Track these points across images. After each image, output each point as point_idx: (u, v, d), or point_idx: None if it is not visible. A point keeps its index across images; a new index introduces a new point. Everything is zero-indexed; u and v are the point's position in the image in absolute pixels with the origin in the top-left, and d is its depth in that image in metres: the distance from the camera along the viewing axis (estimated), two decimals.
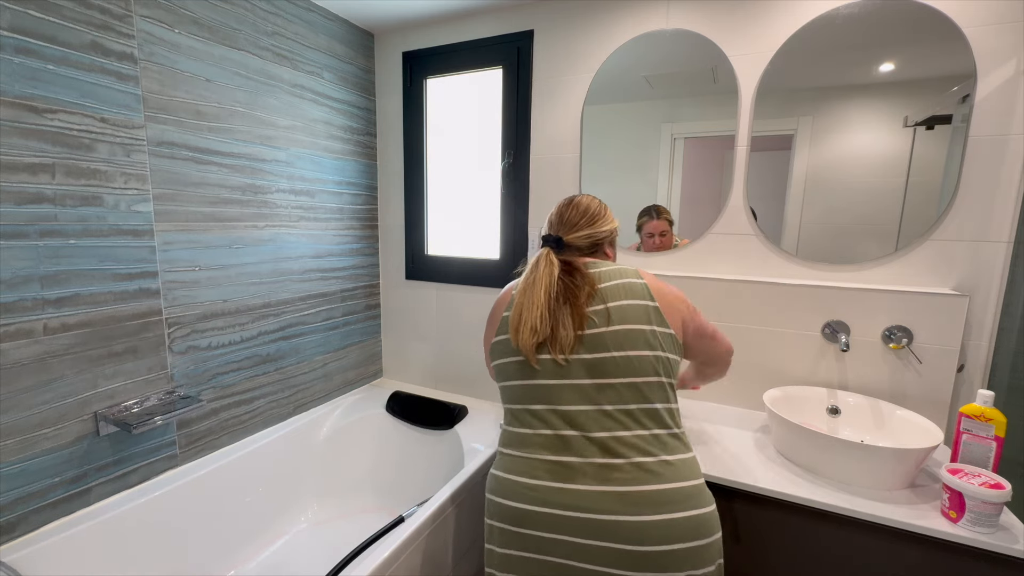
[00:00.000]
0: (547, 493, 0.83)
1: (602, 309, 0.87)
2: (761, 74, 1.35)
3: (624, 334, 0.85)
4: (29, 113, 1.02)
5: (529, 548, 0.85)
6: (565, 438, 0.84)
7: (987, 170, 1.18)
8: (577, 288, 0.89)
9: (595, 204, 1.02)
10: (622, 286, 0.89)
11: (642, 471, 0.80)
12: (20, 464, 1.06)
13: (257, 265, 1.53)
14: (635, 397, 0.83)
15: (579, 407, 0.85)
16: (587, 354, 0.86)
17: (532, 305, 0.88)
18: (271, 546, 1.55)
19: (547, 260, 0.91)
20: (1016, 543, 0.84)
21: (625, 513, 0.78)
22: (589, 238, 0.97)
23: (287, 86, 1.57)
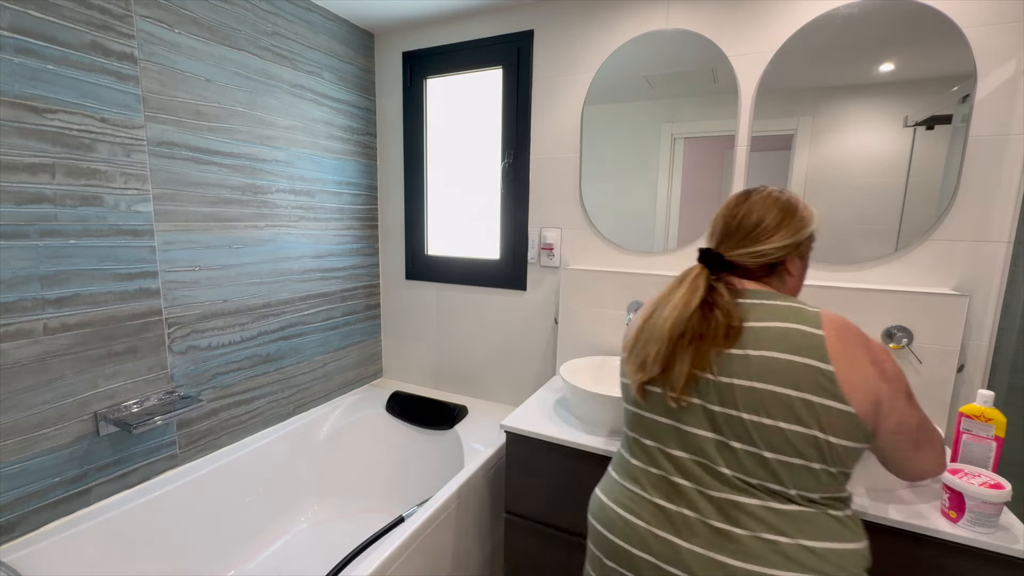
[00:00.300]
0: (651, 540, 0.73)
1: (740, 355, 0.69)
2: (761, 74, 1.35)
3: (759, 394, 0.67)
4: (29, 113, 1.02)
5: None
6: (677, 486, 0.73)
7: (987, 170, 1.18)
8: (716, 324, 0.71)
9: (772, 216, 0.76)
10: (778, 332, 0.69)
11: (768, 550, 0.65)
12: (20, 464, 1.06)
13: (257, 265, 1.53)
14: (763, 473, 0.67)
15: (693, 457, 0.72)
16: (712, 404, 0.71)
17: (653, 337, 0.75)
18: (271, 546, 1.55)
19: (691, 285, 0.75)
20: (1016, 543, 0.84)
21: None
22: (762, 256, 0.75)
23: (287, 86, 1.57)
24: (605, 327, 1.58)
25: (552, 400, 1.42)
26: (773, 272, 0.79)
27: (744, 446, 0.68)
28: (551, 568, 1.27)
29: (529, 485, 1.27)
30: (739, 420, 0.69)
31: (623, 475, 0.81)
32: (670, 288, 0.79)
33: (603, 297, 1.56)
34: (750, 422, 0.68)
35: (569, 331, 1.63)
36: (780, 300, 0.73)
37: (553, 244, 1.69)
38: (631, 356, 0.78)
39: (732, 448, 0.69)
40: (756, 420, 0.67)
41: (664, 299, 0.78)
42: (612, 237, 1.60)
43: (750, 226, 0.77)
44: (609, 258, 1.62)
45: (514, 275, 1.78)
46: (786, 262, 0.79)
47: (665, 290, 0.80)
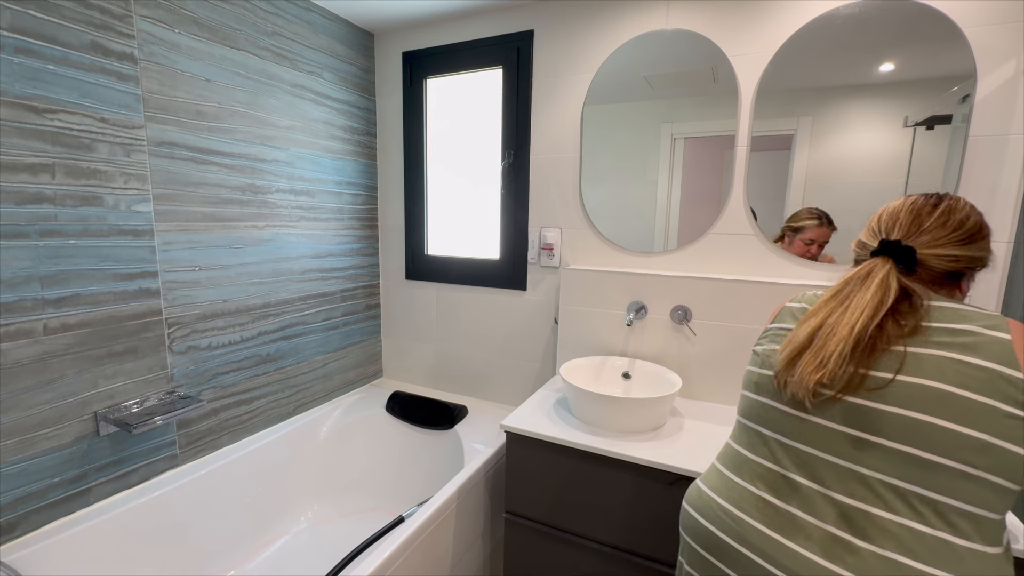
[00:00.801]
0: (752, 535, 0.68)
1: (898, 351, 0.64)
2: (761, 74, 1.35)
3: (929, 392, 0.60)
4: (29, 113, 1.02)
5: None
6: (793, 483, 0.68)
7: (987, 170, 1.18)
8: (896, 326, 0.65)
9: (976, 217, 0.70)
10: (962, 333, 0.62)
11: (887, 569, 0.59)
12: (20, 464, 1.06)
13: (257, 265, 1.53)
14: (918, 477, 0.60)
15: (824, 455, 0.66)
16: (854, 397, 0.65)
17: (835, 336, 0.66)
18: (271, 546, 1.55)
19: (883, 283, 0.66)
20: (1016, 543, 0.84)
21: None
22: (956, 262, 0.68)
23: (287, 86, 1.57)
24: (605, 327, 1.58)
25: (552, 400, 1.42)
26: (945, 285, 0.70)
27: (890, 443, 0.61)
28: (551, 568, 1.27)
29: (529, 485, 1.27)
30: (887, 415, 0.62)
31: (729, 467, 0.77)
32: (851, 286, 0.69)
33: (603, 297, 1.56)
34: (901, 417, 0.61)
35: (569, 331, 1.63)
36: (955, 303, 0.66)
37: (553, 244, 1.69)
38: (807, 352, 0.68)
39: (875, 445, 0.62)
40: (910, 415, 0.61)
41: (847, 297, 0.68)
42: (612, 237, 1.60)
43: (955, 223, 0.69)
44: (609, 258, 1.62)
45: (514, 275, 1.78)
46: (965, 277, 0.71)
47: (840, 286, 0.70)
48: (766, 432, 0.74)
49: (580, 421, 1.27)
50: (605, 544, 1.19)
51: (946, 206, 0.70)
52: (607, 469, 1.16)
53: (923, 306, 0.66)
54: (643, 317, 1.51)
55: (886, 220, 0.73)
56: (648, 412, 1.21)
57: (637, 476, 1.13)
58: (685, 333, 1.46)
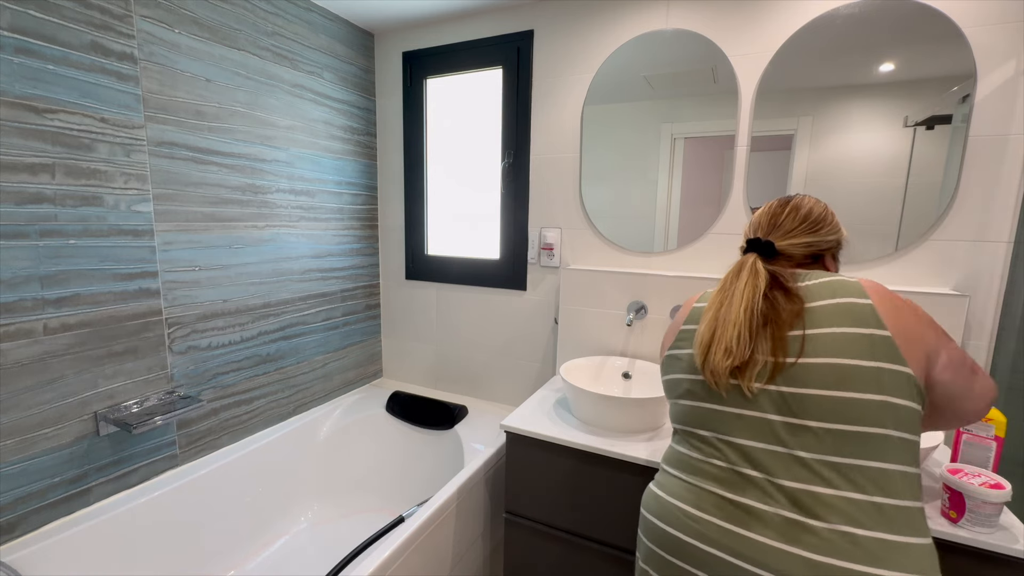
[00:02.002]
0: (715, 532, 0.71)
1: (797, 336, 0.71)
2: (761, 74, 1.35)
3: (834, 369, 0.68)
4: (29, 113, 1.02)
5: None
6: (746, 476, 0.71)
7: (987, 170, 1.18)
8: (780, 308, 0.74)
9: (819, 208, 0.85)
10: (837, 308, 0.71)
11: (848, 543, 0.63)
12: (20, 464, 1.06)
13: (257, 265, 1.53)
14: (846, 449, 0.66)
15: (762, 445, 0.71)
16: (784, 386, 0.71)
17: (728, 322, 0.75)
18: (271, 546, 1.55)
19: (752, 270, 0.77)
20: (1016, 543, 0.84)
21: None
22: (808, 247, 0.82)
23: (287, 86, 1.57)
24: (605, 327, 1.58)
25: (552, 400, 1.42)
26: (814, 264, 0.84)
27: (822, 424, 0.67)
28: (551, 568, 1.27)
29: (529, 485, 1.27)
30: (814, 398, 0.68)
31: (680, 469, 0.80)
32: (729, 280, 0.80)
33: (603, 297, 1.56)
34: (827, 397, 0.67)
35: (569, 331, 1.63)
36: (823, 277, 0.76)
37: (553, 244, 1.69)
38: (714, 343, 0.75)
39: (808, 428, 0.68)
40: (832, 395, 0.67)
41: (728, 289, 0.79)
42: (612, 237, 1.60)
43: (800, 218, 0.83)
44: (609, 258, 1.62)
45: (514, 275, 1.78)
46: (825, 257, 0.85)
47: (723, 283, 0.81)
48: (707, 434, 0.77)
49: (580, 421, 1.27)
50: (605, 544, 1.19)
51: (793, 204, 0.85)
52: (607, 469, 1.16)
53: (794, 288, 0.75)
54: (643, 317, 1.51)
55: (753, 224, 0.87)
56: (648, 412, 1.21)
57: (637, 476, 1.13)
58: None
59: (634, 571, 0.87)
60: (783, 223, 0.83)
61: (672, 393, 0.85)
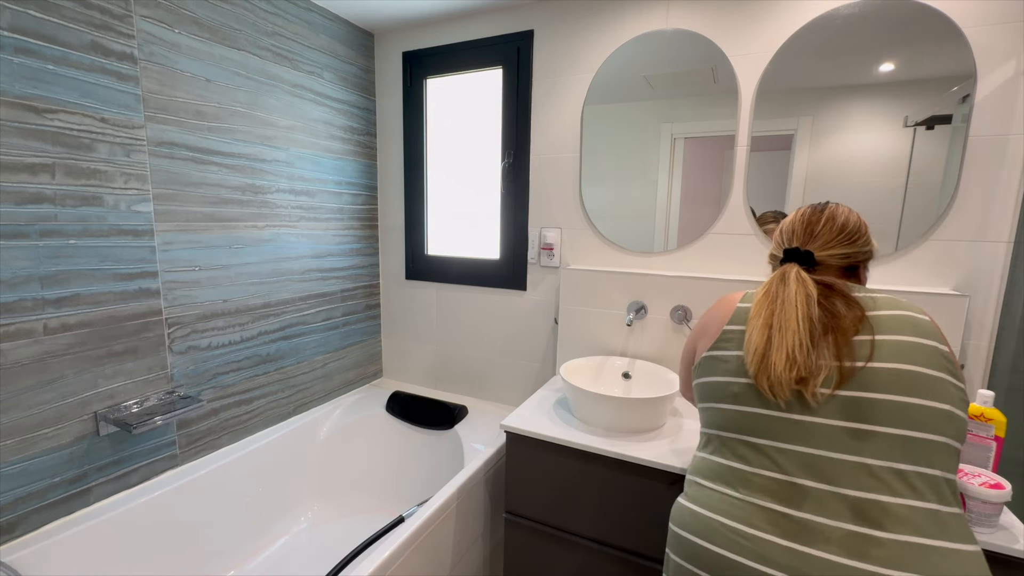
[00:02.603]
0: (770, 550, 0.66)
1: (867, 340, 0.70)
2: (761, 74, 1.35)
3: (903, 376, 0.67)
4: (29, 113, 1.02)
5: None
6: (802, 488, 0.67)
7: (987, 170, 1.18)
8: (840, 315, 0.72)
9: (854, 218, 0.82)
10: (901, 319, 0.71)
11: (916, 555, 0.61)
12: (20, 464, 1.06)
13: (257, 265, 1.53)
14: (910, 456, 0.64)
15: (828, 453, 0.67)
16: (852, 391, 0.68)
17: (787, 330, 0.72)
18: (271, 546, 1.55)
19: (798, 279, 0.75)
20: (1016, 543, 0.84)
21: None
22: (847, 258, 0.80)
23: (287, 86, 1.57)
24: (605, 327, 1.58)
25: (552, 400, 1.42)
26: (850, 276, 0.82)
27: (890, 429, 0.66)
28: (551, 568, 1.27)
29: (529, 485, 1.27)
30: (884, 403, 0.67)
31: (719, 481, 0.75)
32: (775, 286, 0.77)
33: (603, 297, 1.56)
34: (897, 403, 0.66)
35: (569, 331, 1.63)
36: (877, 292, 0.76)
37: (553, 244, 1.69)
38: (772, 351, 0.72)
39: (875, 434, 0.66)
40: (903, 400, 0.66)
41: (775, 296, 0.76)
42: (612, 237, 1.60)
43: (838, 228, 0.81)
44: (609, 258, 1.62)
45: (514, 275, 1.78)
46: (860, 268, 0.84)
47: (767, 287, 0.78)
48: (759, 441, 0.73)
49: (580, 421, 1.27)
50: (605, 544, 1.19)
51: (829, 213, 0.82)
52: (607, 469, 1.16)
53: (854, 296, 0.74)
54: (643, 317, 1.51)
55: (786, 232, 0.85)
56: (648, 412, 1.21)
57: (637, 476, 1.13)
58: (685, 333, 1.46)
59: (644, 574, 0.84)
60: (820, 233, 0.81)
61: (713, 397, 0.80)
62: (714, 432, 0.79)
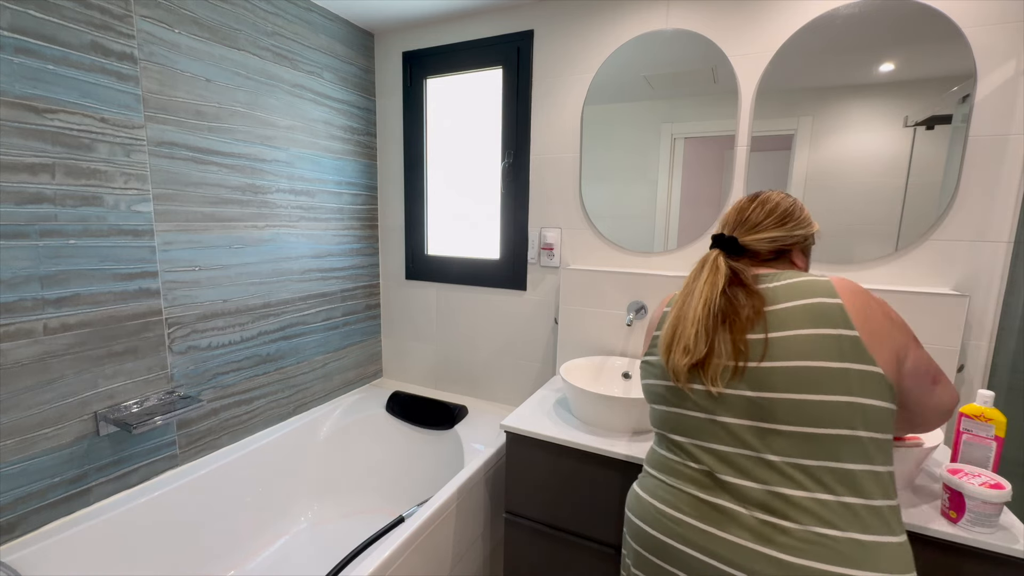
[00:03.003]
0: (691, 532, 0.72)
1: (759, 340, 0.71)
2: (761, 74, 1.35)
3: (797, 373, 0.67)
4: (29, 113, 1.02)
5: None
6: (719, 479, 0.72)
7: (987, 170, 1.18)
8: (739, 306, 0.73)
9: (787, 202, 0.84)
10: (803, 309, 0.70)
11: (820, 545, 0.63)
12: (20, 464, 1.06)
13: (257, 265, 1.53)
14: (812, 452, 0.66)
15: (732, 449, 0.71)
16: (750, 391, 0.70)
17: (688, 320, 0.75)
18: (271, 546, 1.55)
19: (713, 266, 0.78)
20: (1016, 543, 0.84)
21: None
22: (774, 242, 0.81)
23: (287, 86, 1.57)
24: (605, 327, 1.58)
25: (552, 400, 1.42)
26: (780, 259, 0.83)
27: (790, 427, 0.67)
28: (551, 568, 1.27)
29: (529, 485, 1.27)
30: (781, 402, 0.68)
31: (659, 470, 0.81)
32: (692, 276, 0.81)
33: (603, 297, 1.56)
34: (792, 401, 0.67)
35: (569, 331, 1.63)
36: (791, 277, 0.75)
37: (553, 244, 1.69)
38: (674, 343, 0.76)
39: (777, 432, 0.68)
40: (799, 398, 0.67)
41: (690, 287, 0.80)
42: (612, 237, 1.60)
43: (766, 212, 0.82)
44: (609, 258, 1.62)
45: (514, 275, 1.78)
46: (792, 252, 0.84)
47: (686, 282, 0.82)
48: (681, 439, 0.78)
49: (580, 421, 1.27)
50: (605, 544, 1.19)
51: (760, 198, 0.84)
52: (607, 469, 1.16)
53: (755, 287, 0.75)
54: (643, 317, 1.51)
55: (721, 220, 0.87)
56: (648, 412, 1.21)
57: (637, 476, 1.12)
58: None
59: None
60: (749, 217, 0.83)
61: (649, 398, 0.86)
62: (653, 428, 0.86)
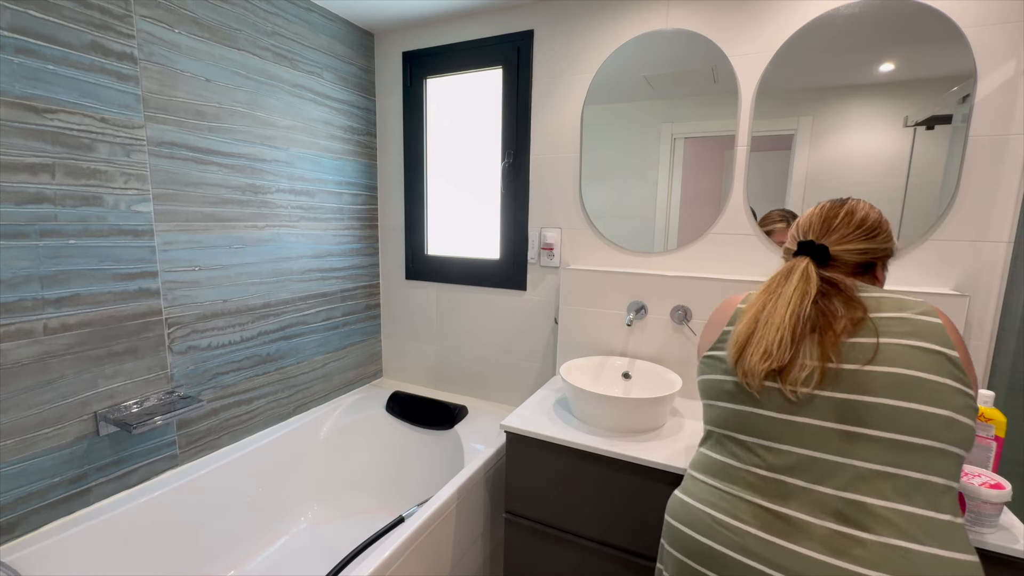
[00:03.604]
0: (752, 543, 0.68)
1: (871, 344, 0.68)
2: (761, 74, 1.35)
3: (900, 380, 0.65)
4: (29, 113, 1.02)
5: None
6: (788, 486, 0.68)
7: (987, 170, 1.18)
8: (834, 316, 0.71)
9: (875, 214, 0.80)
10: (907, 321, 0.69)
11: (900, 557, 0.60)
12: (20, 464, 1.06)
13: (257, 265, 1.53)
14: (902, 461, 0.64)
15: (816, 453, 0.68)
16: (840, 392, 0.68)
17: (770, 324, 0.72)
18: (271, 546, 1.55)
19: (804, 274, 0.74)
20: (1016, 543, 0.84)
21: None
22: (864, 254, 0.78)
23: (287, 86, 1.57)
24: (605, 327, 1.58)
25: (552, 400, 1.42)
26: (865, 274, 0.80)
27: (883, 433, 0.65)
28: (551, 568, 1.27)
29: (529, 485, 1.27)
30: (877, 406, 0.66)
31: (713, 475, 0.77)
32: (777, 282, 0.77)
33: (603, 297, 1.56)
34: (890, 407, 0.65)
35: (569, 331, 1.63)
36: (888, 293, 0.73)
37: (553, 244, 1.69)
38: (752, 343, 0.73)
39: (867, 437, 0.65)
40: (898, 404, 0.65)
41: (774, 291, 0.76)
42: (612, 237, 1.60)
43: (858, 222, 0.79)
44: (609, 258, 1.62)
45: (514, 275, 1.78)
46: (877, 266, 0.81)
47: (769, 284, 0.78)
48: (748, 439, 0.74)
49: (580, 421, 1.27)
50: (605, 544, 1.19)
51: (848, 207, 0.80)
52: (607, 469, 1.16)
53: (857, 296, 0.72)
54: (643, 317, 1.51)
55: (803, 226, 0.83)
56: (648, 412, 1.21)
57: (637, 476, 1.13)
58: (685, 333, 1.46)
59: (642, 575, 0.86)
60: (838, 227, 0.79)
61: (710, 394, 0.82)
62: (711, 428, 0.82)
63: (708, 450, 0.81)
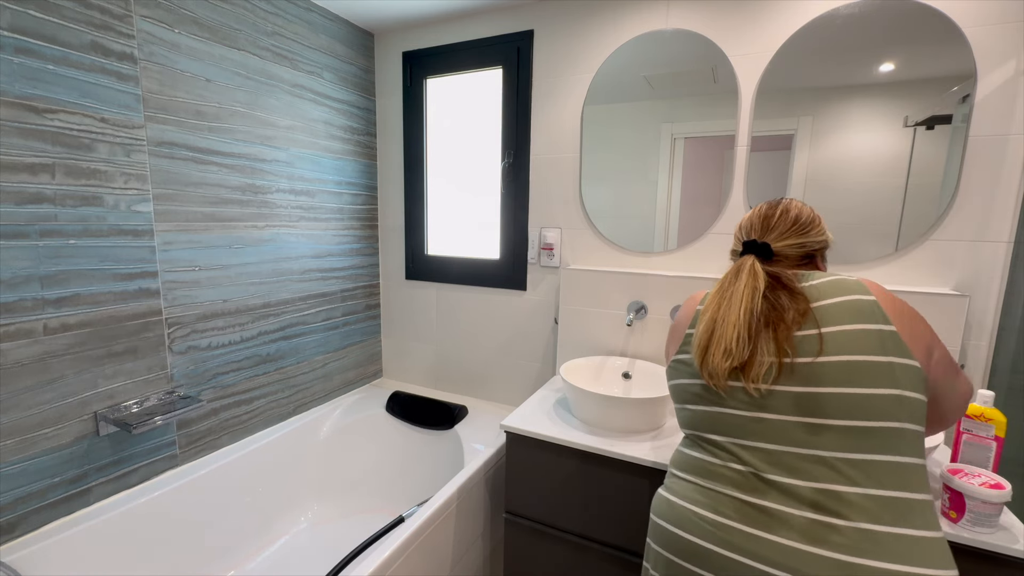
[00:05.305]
0: (736, 537, 0.70)
1: (813, 335, 0.71)
2: (761, 74, 1.35)
3: (848, 367, 0.68)
4: (29, 113, 1.02)
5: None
6: (766, 480, 0.70)
7: (987, 170, 1.18)
8: (783, 308, 0.74)
9: (807, 211, 0.86)
10: (844, 305, 0.72)
11: (872, 543, 0.63)
12: (20, 464, 1.06)
13: (257, 265, 1.53)
14: (864, 446, 0.66)
15: (785, 448, 0.70)
16: (797, 386, 0.71)
17: (727, 323, 0.76)
18: (271, 546, 1.55)
19: (751, 271, 0.78)
20: (1016, 543, 0.84)
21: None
22: (802, 248, 0.83)
23: (287, 86, 1.57)
24: (605, 327, 1.58)
25: (552, 400, 1.42)
26: (808, 264, 0.85)
27: (840, 421, 0.67)
28: (551, 568, 1.27)
29: (529, 485, 1.27)
30: (830, 396, 0.68)
31: (693, 473, 0.79)
32: (727, 281, 0.81)
33: (603, 297, 1.56)
34: (845, 395, 0.68)
35: (569, 331, 1.63)
36: (825, 277, 0.77)
37: (553, 244, 1.69)
38: (712, 344, 0.76)
39: (828, 427, 0.68)
40: (848, 392, 0.68)
41: (726, 291, 0.80)
42: (612, 237, 1.60)
43: (791, 220, 0.84)
44: (609, 258, 1.62)
45: (514, 275, 1.78)
46: (816, 258, 0.87)
47: (721, 284, 0.82)
48: (721, 439, 0.77)
49: (580, 421, 1.27)
50: (605, 544, 1.19)
51: (783, 206, 0.86)
52: (607, 469, 1.16)
53: (798, 288, 0.76)
54: (643, 317, 1.51)
55: (745, 227, 0.88)
56: (648, 412, 1.21)
57: (637, 476, 1.13)
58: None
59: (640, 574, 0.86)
60: (775, 225, 0.84)
61: (680, 398, 0.85)
62: (685, 430, 0.85)
63: (686, 449, 0.83)
